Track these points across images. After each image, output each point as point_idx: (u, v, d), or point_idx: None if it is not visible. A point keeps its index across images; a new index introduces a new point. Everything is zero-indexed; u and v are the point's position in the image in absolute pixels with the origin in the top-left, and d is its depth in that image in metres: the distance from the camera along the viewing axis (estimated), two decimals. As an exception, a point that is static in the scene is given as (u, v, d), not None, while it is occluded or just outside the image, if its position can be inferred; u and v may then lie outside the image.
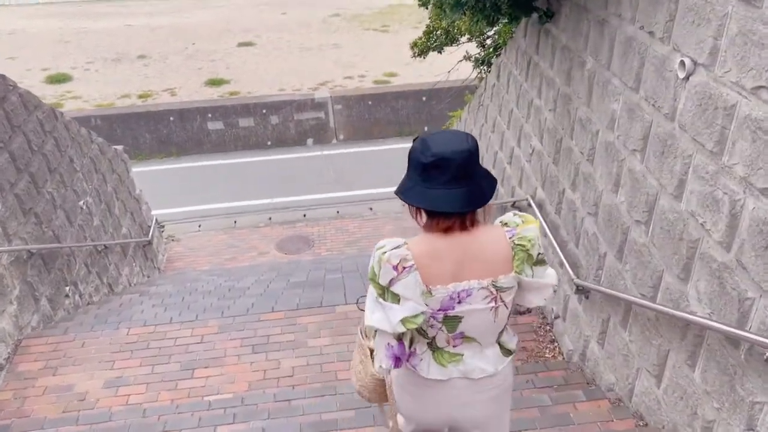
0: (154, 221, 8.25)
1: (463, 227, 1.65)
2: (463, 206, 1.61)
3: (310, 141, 11.88)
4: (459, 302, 1.67)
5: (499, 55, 5.97)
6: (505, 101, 5.41)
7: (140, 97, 15.52)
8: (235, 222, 9.45)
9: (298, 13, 25.68)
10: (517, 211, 1.84)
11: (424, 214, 1.68)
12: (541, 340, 4.03)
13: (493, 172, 6.06)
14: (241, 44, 21.22)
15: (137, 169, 11.20)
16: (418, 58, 6.73)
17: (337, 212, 9.61)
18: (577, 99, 3.56)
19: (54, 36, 23.04)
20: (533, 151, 4.52)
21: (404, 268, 1.61)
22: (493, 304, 1.70)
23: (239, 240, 8.98)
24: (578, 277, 3.48)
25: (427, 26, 6.63)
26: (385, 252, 1.62)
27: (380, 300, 1.64)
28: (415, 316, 1.62)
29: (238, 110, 11.44)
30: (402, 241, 1.66)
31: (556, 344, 3.97)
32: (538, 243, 1.72)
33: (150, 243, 7.83)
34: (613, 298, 3.06)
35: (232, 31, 22.80)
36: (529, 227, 1.72)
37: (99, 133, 11.30)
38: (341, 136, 11.99)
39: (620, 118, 2.96)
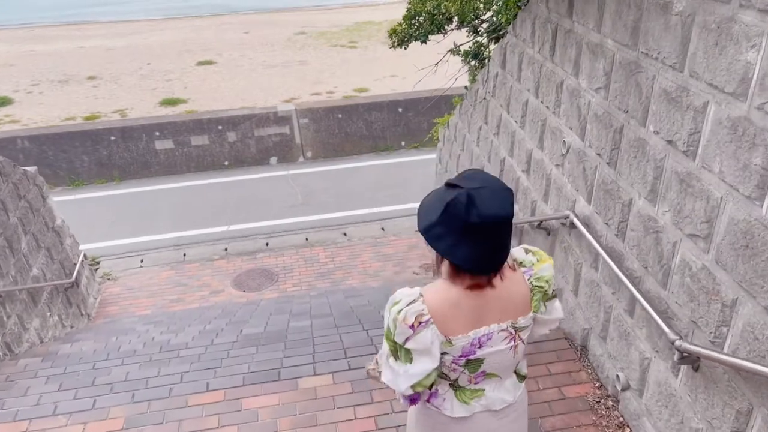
0: (81, 258, 6.79)
1: (490, 284, 1.61)
2: (494, 267, 1.59)
3: (273, 159, 10.54)
4: (480, 347, 1.64)
5: (501, 37, 4.77)
6: (515, 92, 4.19)
7: (86, 119, 14.10)
8: (185, 255, 8.02)
9: (262, 32, 24.80)
10: (527, 246, 1.78)
11: (447, 264, 1.60)
12: (603, 423, 2.73)
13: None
14: (200, 63, 20.09)
15: (71, 197, 9.72)
16: (396, 49, 5.49)
17: (306, 239, 8.27)
18: (657, 62, 2.33)
19: (-5, 59, 21.55)
20: (568, 149, 3.27)
21: (420, 323, 1.56)
22: (512, 343, 1.68)
23: (189, 276, 7.56)
24: (674, 333, 2.21)
25: (408, 9, 5.41)
26: (401, 310, 1.58)
27: (391, 362, 1.63)
28: (427, 377, 1.60)
29: (190, 127, 10.07)
30: (417, 292, 1.61)
31: (627, 431, 2.68)
32: (553, 281, 1.72)
33: (75, 285, 6.37)
34: (763, 380, 1.80)
35: (191, 50, 21.67)
36: (545, 266, 1.71)
37: (27, 156, 9.79)
38: (309, 154, 10.68)
39: (764, 76, 1.73)
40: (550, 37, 3.47)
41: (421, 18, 5.42)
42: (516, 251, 1.73)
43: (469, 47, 5.83)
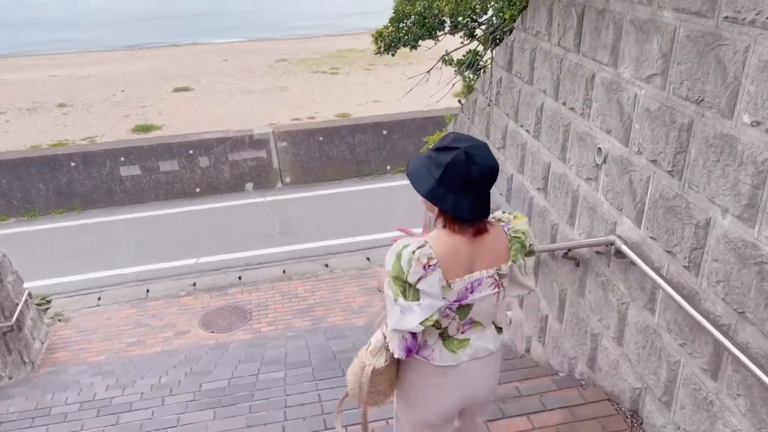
0: (25, 297, 5.95)
1: (484, 229, 1.81)
2: (485, 213, 1.80)
3: (249, 186, 9.80)
4: (471, 291, 1.81)
5: (501, 39, 4.13)
6: (526, 96, 3.53)
7: (51, 147, 13.34)
8: (148, 291, 7.19)
9: (241, 59, 24.41)
10: (503, 209, 2.12)
11: (442, 218, 1.78)
12: None
13: (507, 207, 4.13)
14: (176, 89, 19.53)
15: (25, 229, 8.84)
16: (383, 55, 4.83)
17: (284, 272, 7.50)
18: (752, 28, 1.67)
19: (-41, 89, 20.82)
20: (605, 158, 2.60)
21: (429, 266, 1.71)
22: (497, 289, 1.87)
23: (151, 315, 6.73)
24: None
25: (396, 11, 4.77)
26: (415, 251, 1.70)
27: (399, 301, 1.73)
28: (431, 316, 1.73)
29: (159, 152, 9.30)
30: (422, 240, 1.75)
31: None
32: (530, 235, 1.94)
33: (15, 328, 5.52)
34: None
35: (167, 77, 21.14)
36: (520, 222, 1.93)
37: (-23, 184, 8.96)
38: (287, 179, 9.95)
39: None
40: (574, 22, 2.82)
41: (410, 20, 4.78)
42: (496, 213, 1.94)
43: (463, 56, 5.20)
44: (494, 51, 4.18)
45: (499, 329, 1.99)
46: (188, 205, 9.42)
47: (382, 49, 4.78)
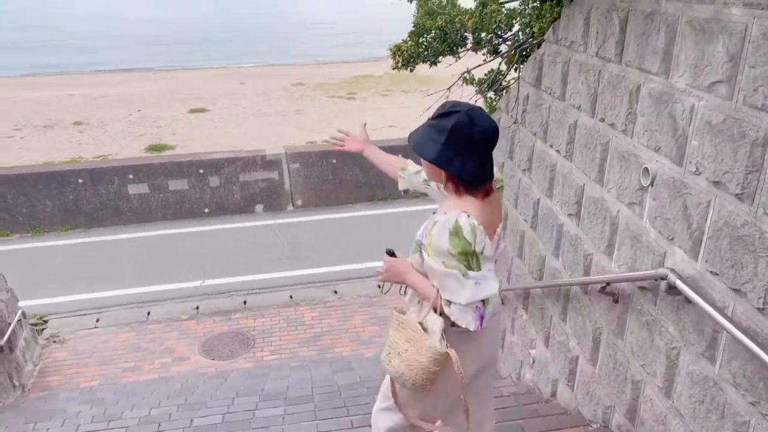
0: (18, 316, 5.66)
1: (490, 190, 1.91)
2: (491, 174, 1.87)
3: (259, 207, 9.54)
4: (497, 248, 1.94)
5: (530, 52, 3.85)
6: (556, 113, 3.23)
7: (60, 163, 13.26)
8: (149, 314, 6.88)
9: (258, 82, 24.57)
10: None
11: (457, 184, 1.85)
12: None
13: (533, 235, 3.78)
14: (192, 111, 19.61)
15: (27, 246, 8.61)
16: (401, 70, 4.57)
17: (291, 297, 7.18)
18: None
19: (-21, 105, 21.08)
20: (653, 179, 2.27)
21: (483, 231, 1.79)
22: (504, 243, 2.10)
23: (150, 339, 6.42)
24: None
25: (415, 25, 4.52)
26: (470, 219, 1.76)
27: (471, 274, 1.77)
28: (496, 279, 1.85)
29: (168, 170, 9.09)
30: (460, 211, 1.79)
31: None
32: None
33: (5, 350, 5.24)
34: None
35: (183, 99, 21.27)
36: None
37: (-17, 198, 8.78)
38: (299, 202, 9.68)
39: None
40: (616, 29, 2.53)
41: (430, 35, 4.52)
42: None
43: (485, 75, 4.93)
44: (520, 67, 3.90)
45: None
46: (196, 225, 9.16)
47: (400, 64, 4.51)
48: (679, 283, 2.03)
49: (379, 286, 2.06)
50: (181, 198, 9.25)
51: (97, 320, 6.82)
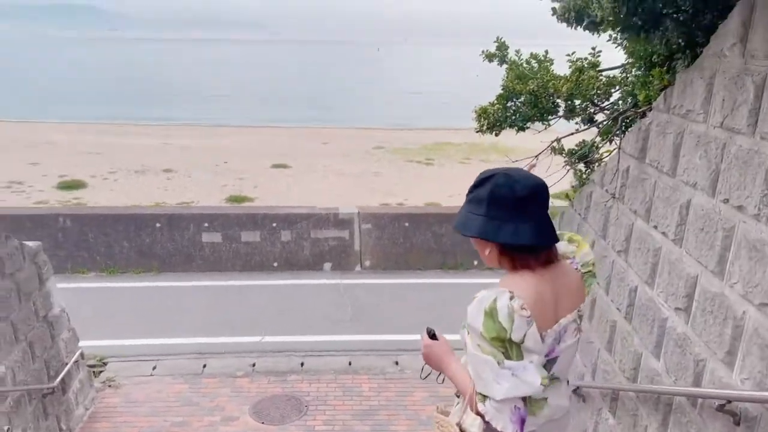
0: (75, 357, 5.60)
1: (555, 258, 1.65)
2: (554, 237, 1.62)
3: (327, 266, 9.37)
4: (559, 342, 1.62)
5: (631, 122, 3.49)
6: (664, 190, 2.82)
7: (141, 207, 13.84)
8: (205, 366, 6.70)
9: (340, 143, 25.29)
10: (560, 232, 1.75)
11: (506, 257, 1.63)
12: None
13: (627, 327, 3.29)
14: (275, 165, 20.30)
15: (101, 285, 8.76)
16: (485, 134, 4.30)
17: (349, 363, 6.82)
18: None
19: (86, 148, 22.78)
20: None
21: (528, 317, 1.51)
22: (577, 336, 1.68)
23: (203, 394, 6.20)
24: None
25: (504, 88, 4.27)
26: (511, 302, 1.50)
27: (507, 363, 1.52)
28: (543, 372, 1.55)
29: (243, 221, 9.14)
30: (505, 289, 1.56)
31: None
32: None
33: (57, 391, 5.14)
34: None
35: (268, 154, 22.14)
36: (585, 250, 1.76)
37: (67, 236, 9.03)
38: (367, 263, 9.45)
39: None
40: (750, 96, 2.15)
41: (520, 100, 4.25)
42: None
43: (577, 145, 4.58)
44: (620, 138, 3.53)
45: (567, 381, 1.80)
46: (263, 278, 9.07)
47: (485, 128, 4.25)
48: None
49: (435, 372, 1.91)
50: (252, 250, 9.24)
51: (154, 368, 6.69)
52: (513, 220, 1.56)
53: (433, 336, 1.85)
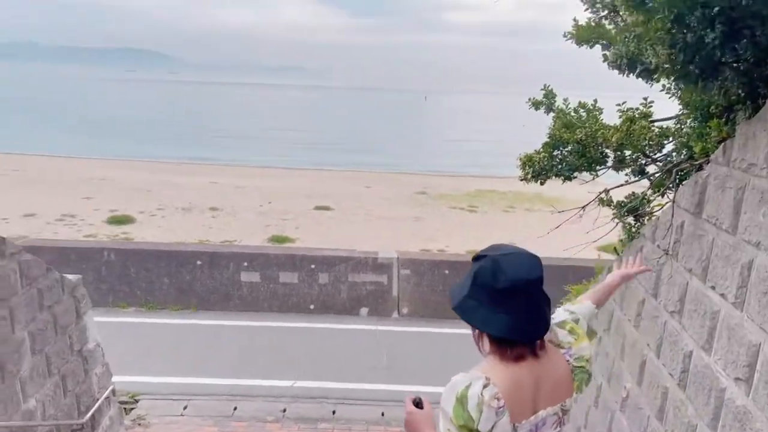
0: (107, 393, 5.57)
1: (534, 354, 1.57)
2: (535, 335, 1.55)
3: (364, 311, 9.23)
4: None
5: (686, 174, 3.31)
6: (723, 249, 2.63)
7: (183, 244, 14.06)
8: (235, 409, 6.59)
9: (384, 187, 25.40)
10: (567, 307, 1.83)
11: (487, 340, 1.60)
12: None
13: (680, 395, 3.02)
14: (317, 207, 20.48)
15: (139, 320, 8.81)
16: (530, 183, 4.16)
17: (382, 414, 6.60)
18: None
19: (137, 185, 23.52)
20: None
21: (499, 408, 1.47)
22: (559, 428, 1.61)
23: (231, 438, 6.07)
24: None
25: (551, 136, 4.15)
26: (482, 392, 1.47)
27: None
28: None
29: (282, 262, 9.14)
30: (482, 375, 1.53)
31: None
32: (594, 359, 1.66)
33: (86, 427, 5.09)
34: None
35: (312, 196, 22.41)
36: (583, 344, 1.68)
37: (110, 270, 9.18)
38: (405, 310, 9.27)
39: None
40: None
41: (567, 149, 4.12)
42: (556, 331, 1.68)
43: (626, 197, 4.39)
44: (674, 191, 3.35)
45: None
46: (299, 321, 8.98)
47: (530, 176, 4.12)
48: None
49: None
50: (289, 291, 9.19)
51: (185, 407, 6.62)
52: (490, 308, 1.54)
53: (418, 404, 1.75)
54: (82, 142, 37.05)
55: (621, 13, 3.91)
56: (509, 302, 1.53)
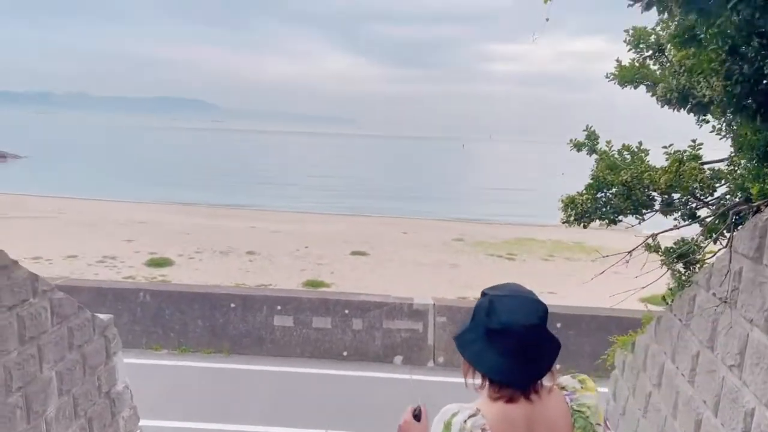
0: (133, 437, 5.45)
1: (527, 398, 1.54)
2: (522, 381, 1.53)
3: (398, 359, 8.96)
4: None
5: (742, 218, 3.09)
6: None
7: (218, 286, 14.11)
8: (262, 458, 6.38)
9: (420, 234, 25.31)
10: (576, 374, 1.72)
11: (479, 375, 1.60)
12: None
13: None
14: (353, 253, 20.45)
15: (172, 363, 8.77)
16: (572, 225, 3.99)
17: (415, 469, 6.25)
18: None
19: (178, 228, 23.94)
20: None
21: None
22: None
23: (257, 490, 5.84)
24: None
25: (594, 178, 3.98)
26: (466, 420, 1.51)
27: None
28: None
29: (315, 306, 9.00)
30: (474, 406, 1.56)
31: None
32: (598, 412, 1.61)
33: (110, 472, 4.96)
34: None
35: (348, 241, 22.43)
36: (588, 394, 1.63)
37: (144, 311, 9.24)
38: (440, 359, 8.97)
39: None
40: None
41: (611, 191, 3.94)
42: (564, 378, 1.65)
43: (675, 243, 4.16)
44: (731, 236, 3.13)
45: None
46: (332, 368, 8.77)
47: (572, 218, 3.94)
48: None
49: None
50: (322, 336, 9.02)
51: (211, 455, 6.44)
52: (484, 346, 1.55)
53: (417, 416, 1.80)
54: (127, 186, 38.28)
55: (666, 52, 3.78)
56: (502, 343, 1.53)
